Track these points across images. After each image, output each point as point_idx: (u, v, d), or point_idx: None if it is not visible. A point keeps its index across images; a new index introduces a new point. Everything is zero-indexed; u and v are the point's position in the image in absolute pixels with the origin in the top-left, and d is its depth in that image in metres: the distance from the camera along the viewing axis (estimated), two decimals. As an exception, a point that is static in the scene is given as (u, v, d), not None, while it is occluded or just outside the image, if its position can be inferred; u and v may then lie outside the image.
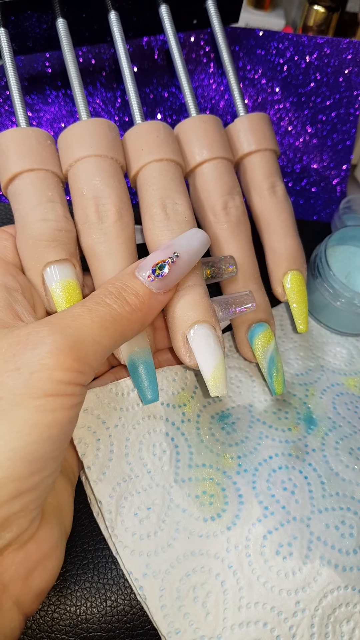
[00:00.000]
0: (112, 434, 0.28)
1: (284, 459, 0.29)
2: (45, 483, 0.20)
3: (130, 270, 0.26)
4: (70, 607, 0.25)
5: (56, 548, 0.22)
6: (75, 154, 0.30)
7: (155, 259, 0.25)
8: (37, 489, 0.20)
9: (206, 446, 0.29)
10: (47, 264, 0.28)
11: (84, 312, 0.22)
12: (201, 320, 0.27)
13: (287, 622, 0.24)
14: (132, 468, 0.27)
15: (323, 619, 0.25)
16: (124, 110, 0.43)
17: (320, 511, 0.27)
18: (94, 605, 0.25)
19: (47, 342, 0.20)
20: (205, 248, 0.28)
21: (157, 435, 0.28)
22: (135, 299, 0.24)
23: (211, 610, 0.24)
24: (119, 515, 0.26)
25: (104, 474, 0.27)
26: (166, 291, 0.26)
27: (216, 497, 0.27)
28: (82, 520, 0.27)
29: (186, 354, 0.27)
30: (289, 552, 0.26)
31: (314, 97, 0.45)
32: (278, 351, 0.31)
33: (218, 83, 0.44)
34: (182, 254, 0.26)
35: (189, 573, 0.25)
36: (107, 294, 0.24)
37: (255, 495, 0.27)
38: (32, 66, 0.40)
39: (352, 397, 0.33)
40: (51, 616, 0.25)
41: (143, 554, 0.25)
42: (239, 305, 0.29)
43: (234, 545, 0.26)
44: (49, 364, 0.20)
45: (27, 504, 0.20)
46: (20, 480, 0.19)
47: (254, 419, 0.31)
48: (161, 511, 0.26)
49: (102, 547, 0.27)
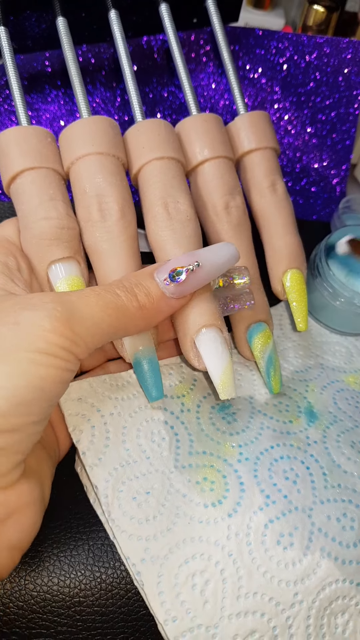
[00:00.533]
0: (107, 422, 0.28)
1: (286, 449, 0.29)
2: (30, 429, 0.21)
3: (149, 270, 0.26)
4: (64, 588, 0.25)
5: (34, 505, 0.23)
6: (77, 151, 0.30)
7: (175, 264, 0.26)
8: (20, 432, 0.21)
9: (206, 434, 0.29)
10: (52, 262, 0.28)
11: (90, 295, 0.23)
12: (209, 325, 0.27)
13: (285, 613, 0.24)
14: (130, 454, 0.27)
15: (319, 611, 0.25)
16: (124, 110, 0.43)
17: (322, 502, 0.27)
18: (87, 588, 0.25)
19: (48, 307, 0.22)
20: (232, 263, 0.28)
21: (156, 423, 0.28)
22: (146, 297, 0.25)
23: (209, 599, 0.24)
24: (116, 499, 0.26)
25: (100, 459, 0.27)
26: (180, 297, 0.26)
27: (217, 483, 0.27)
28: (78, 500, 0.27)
29: (195, 357, 0.28)
30: (290, 543, 0.26)
31: (314, 96, 0.45)
32: (276, 351, 0.32)
33: (218, 82, 0.44)
34: (204, 264, 0.26)
35: (188, 560, 0.25)
36: (119, 286, 0.25)
37: (257, 483, 0.27)
38: (31, 65, 0.40)
39: (352, 392, 0.33)
40: (43, 597, 0.25)
41: (142, 538, 0.25)
42: (238, 302, 0.29)
43: (235, 532, 0.26)
44: (45, 326, 0.21)
45: (10, 444, 0.21)
46: (4, 417, 0.20)
47: (255, 410, 0.31)
48: (160, 495, 0.26)
49: (98, 529, 0.27)
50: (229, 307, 0.29)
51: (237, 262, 0.28)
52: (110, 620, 0.25)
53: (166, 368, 0.31)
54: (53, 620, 0.25)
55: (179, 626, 0.24)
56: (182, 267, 0.25)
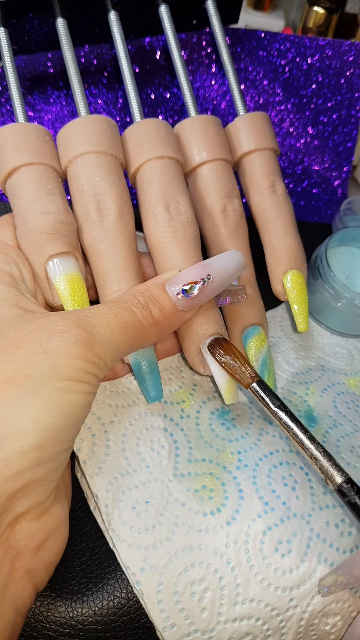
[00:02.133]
0: (107, 430, 0.28)
1: (285, 455, 0.29)
2: (62, 456, 0.22)
3: (161, 282, 0.26)
4: (66, 599, 0.25)
5: (65, 523, 0.24)
6: (74, 150, 0.30)
7: (188, 278, 0.26)
8: (56, 460, 0.21)
9: (206, 441, 0.29)
10: (50, 257, 0.28)
11: (109, 315, 0.24)
12: (214, 333, 0.28)
13: (279, 617, 0.25)
14: (129, 462, 0.27)
15: (312, 614, 0.25)
16: (126, 111, 0.43)
17: (321, 508, 0.27)
18: (90, 598, 0.25)
19: (73, 333, 0.22)
20: (240, 273, 0.28)
21: (155, 430, 0.28)
22: (160, 313, 0.25)
23: (207, 606, 0.24)
24: (116, 509, 0.26)
25: (100, 468, 0.27)
26: (190, 310, 0.27)
27: (216, 491, 0.27)
28: (78, 513, 0.27)
29: (200, 364, 0.29)
30: (288, 550, 0.25)
31: (316, 98, 0.45)
32: (270, 354, 0.32)
33: (220, 84, 0.44)
34: (215, 277, 0.26)
35: (187, 568, 0.25)
36: (134, 302, 0.25)
37: (255, 490, 0.27)
38: (34, 66, 0.40)
39: (352, 396, 0.32)
40: (46, 607, 0.25)
41: (141, 547, 0.25)
42: (230, 296, 0.29)
43: (234, 540, 0.26)
44: (72, 353, 0.22)
45: (47, 474, 0.21)
46: (42, 449, 0.20)
47: (254, 415, 0.30)
48: (160, 505, 0.26)
49: (99, 538, 0.27)
50: (220, 301, 0.29)
51: (244, 270, 0.29)
52: (112, 630, 0.25)
53: (166, 374, 0.31)
54: (55, 630, 0.25)
55: (177, 632, 0.24)
56: (195, 282, 0.26)
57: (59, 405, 0.21)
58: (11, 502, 0.20)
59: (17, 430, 0.20)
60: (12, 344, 0.22)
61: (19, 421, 0.20)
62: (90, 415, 0.28)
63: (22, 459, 0.20)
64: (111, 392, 0.29)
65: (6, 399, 0.20)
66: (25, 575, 0.21)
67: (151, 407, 0.29)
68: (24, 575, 0.21)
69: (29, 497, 0.21)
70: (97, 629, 0.25)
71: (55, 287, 0.28)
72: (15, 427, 0.20)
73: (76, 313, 0.24)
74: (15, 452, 0.20)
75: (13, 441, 0.20)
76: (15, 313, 0.24)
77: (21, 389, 0.21)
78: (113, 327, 0.23)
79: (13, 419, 0.20)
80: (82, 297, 0.28)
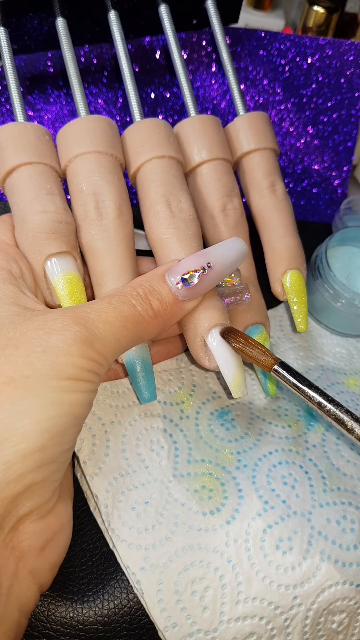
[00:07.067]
0: (108, 430, 0.28)
1: (284, 455, 0.29)
2: (64, 457, 0.22)
3: (161, 272, 0.26)
4: (67, 600, 0.25)
5: (69, 523, 0.24)
6: (74, 150, 0.30)
7: (188, 266, 0.25)
8: (57, 461, 0.21)
9: (205, 442, 0.29)
10: (49, 257, 0.28)
11: (109, 310, 0.23)
12: (219, 324, 0.27)
13: (283, 615, 0.25)
14: (129, 463, 0.27)
15: (318, 612, 0.25)
16: (126, 110, 0.43)
17: (322, 505, 0.27)
18: (91, 599, 0.25)
19: (73, 330, 0.22)
20: (242, 261, 0.27)
21: (155, 431, 0.28)
22: (160, 304, 0.25)
23: (209, 605, 0.24)
24: (115, 509, 0.26)
25: (100, 468, 0.27)
26: (191, 300, 0.26)
27: (215, 491, 0.27)
28: (78, 513, 0.27)
29: (205, 357, 0.28)
30: (289, 547, 0.25)
31: (316, 98, 0.45)
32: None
33: (220, 83, 0.44)
34: (215, 265, 0.26)
35: (188, 567, 0.25)
36: (133, 295, 0.24)
37: (255, 489, 0.27)
38: (33, 65, 0.40)
39: (352, 395, 0.33)
40: (47, 607, 0.25)
41: (141, 547, 0.25)
42: (234, 296, 0.29)
43: (234, 539, 0.26)
44: (72, 351, 0.21)
45: (49, 475, 0.21)
46: (44, 451, 0.20)
47: (254, 415, 0.31)
48: (159, 505, 0.26)
49: (100, 538, 0.27)
50: (224, 301, 0.29)
51: (246, 258, 0.28)
52: (113, 630, 0.25)
53: (165, 374, 0.31)
54: (56, 630, 0.25)
55: (179, 632, 0.24)
56: (195, 270, 0.25)
57: (60, 406, 0.21)
58: (14, 504, 0.20)
59: (18, 432, 0.20)
60: (11, 343, 0.22)
61: (20, 423, 0.20)
62: (91, 415, 0.28)
63: (24, 462, 0.20)
64: (111, 393, 0.29)
65: (6, 401, 0.20)
66: (29, 576, 0.21)
67: (151, 407, 0.29)
68: (29, 575, 0.21)
69: (32, 498, 0.21)
70: (97, 629, 0.25)
71: (54, 287, 0.28)
72: (16, 429, 0.20)
73: (75, 309, 0.23)
74: (17, 455, 0.20)
75: (14, 444, 0.20)
76: (14, 311, 0.24)
77: (21, 390, 0.20)
78: (113, 322, 0.23)
79: (13, 421, 0.20)
80: (81, 297, 0.27)
